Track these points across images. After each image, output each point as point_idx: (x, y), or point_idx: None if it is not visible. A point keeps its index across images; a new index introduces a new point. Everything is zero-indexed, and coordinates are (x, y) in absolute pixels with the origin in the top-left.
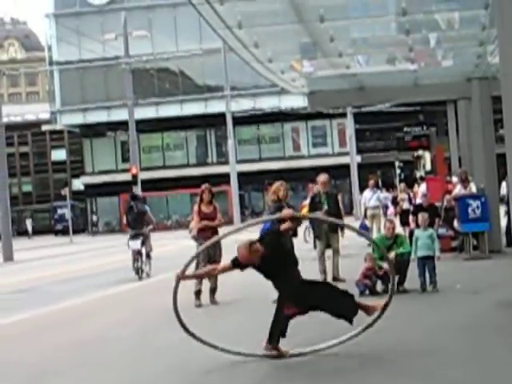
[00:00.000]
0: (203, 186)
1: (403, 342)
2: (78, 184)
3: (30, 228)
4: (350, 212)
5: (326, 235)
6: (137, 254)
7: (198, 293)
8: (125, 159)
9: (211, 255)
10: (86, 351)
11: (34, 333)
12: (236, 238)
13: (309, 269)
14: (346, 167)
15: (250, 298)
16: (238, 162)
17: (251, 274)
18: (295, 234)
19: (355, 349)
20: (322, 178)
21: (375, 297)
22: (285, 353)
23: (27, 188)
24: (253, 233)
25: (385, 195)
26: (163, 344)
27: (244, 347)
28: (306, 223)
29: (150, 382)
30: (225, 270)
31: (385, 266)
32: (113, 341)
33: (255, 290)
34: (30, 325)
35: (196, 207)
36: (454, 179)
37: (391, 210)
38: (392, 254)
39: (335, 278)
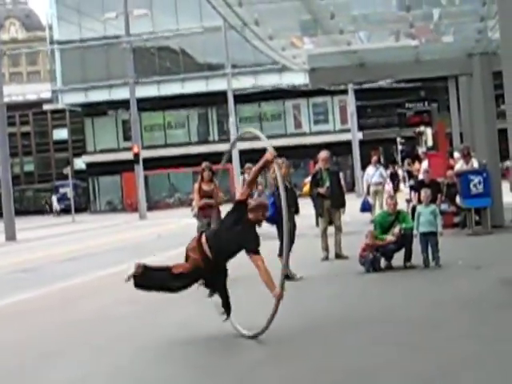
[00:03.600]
0: (203, 165)
1: (406, 317)
2: (79, 163)
3: (56, 205)
4: (351, 189)
5: (328, 212)
6: None
7: None
8: (126, 138)
9: None
10: (88, 331)
11: (35, 313)
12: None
13: (311, 246)
14: (348, 144)
15: (252, 275)
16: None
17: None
18: (297, 211)
19: (356, 324)
20: (323, 154)
21: (379, 273)
22: None
23: (29, 167)
24: None
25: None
26: (166, 322)
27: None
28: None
29: (151, 359)
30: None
31: (388, 238)
32: (114, 320)
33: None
34: (31, 305)
35: (196, 185)
36: (456, 155)
37: (389, 186)
38: (396, 229)
39: (338, 255)
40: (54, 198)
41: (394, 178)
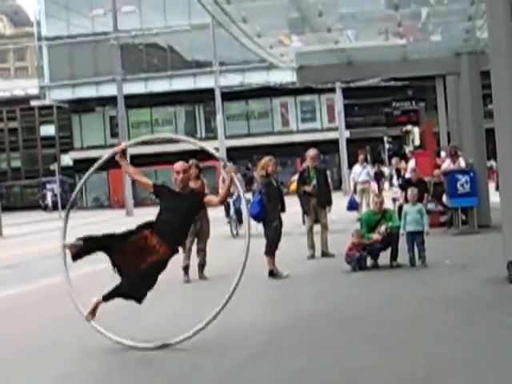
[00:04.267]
0: (190, 162)
1: (390, 316)
2: (66, 159)
3: (50, 201)
4: (338, 187)
5: (315, 210)
6: None
7: (186, 268)
8: (114, 134)
9: (197, 230)
10: (74, 327)
11: (21, 309)
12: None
13: (297, 243)
14: (335, 142)
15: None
16: (227, 137)
17: (240, 250)
18: (283, 209)
19: (342, 324)
20: (311, 152)
21: (365, 272)
22: None
23: (16, 163)
24: None
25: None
26: (154, 318)
27: (235, 321)
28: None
29: (139, 355)
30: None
31: (374, 236)
32: (102, 316)
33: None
34: (16, 301)
35: None
36: (443, 154)
37: (374, 185)
38: (383, 228)
39: (324, 253)
40: (49, 194)
41: (378, 177)
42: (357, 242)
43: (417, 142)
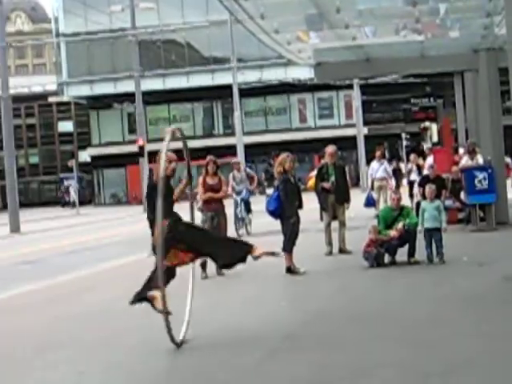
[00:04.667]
0: (208, 158)
1: (408, 313)
2: (84, 156)
3: (76, 197)
4: (356, 184)
5: (333, 207)
6: None
7: (203, 265)
8: (131, 131)
9: (214, 226)
10: (90, 324)
11: (38, 305)
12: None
13: (314, 240)
14: (353, 139)
15: (256, 270)
16: (245, 133)
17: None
18: (301, 206)
19: (359, 320)
20: (330, 149)
21: (383, 268)
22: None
23: (34, 160)
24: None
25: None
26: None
27: (253, 317)
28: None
29: (154, 352)
30: None
31: (392, 233)
32: (117, 313)
33: (262, 262)
34: (34, 297)
35: (201, 179)
36: (461, 151)
37: (391, 182)
38: (400, 225)
39: (341, 250)
40: (72, 190)
41: (396, 173)
42: (374, 238)
43: (435, 139)
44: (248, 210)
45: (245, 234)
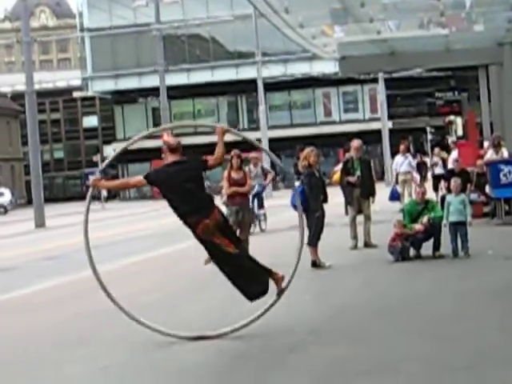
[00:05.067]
0: (232, 152)
1: (433, 307)
2: (109, 150)
3: (105, 192)
4: (381, 178)
5: (358, 201)
6: None
7: None
8: (156, 125)
9: (239, 220)
10: (111, 320)
11: (61, 301)
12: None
13: (339, 234)
14: (377, 133)
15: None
16: (270, 127)
17: (282, 242)
18: (325, 200)
19: (384, 314)
20: (356, 143)
21: (408, 262)
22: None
23: (59, 155)
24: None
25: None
26: (188, 310)
27: (278, 311)
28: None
29: (175, 349)
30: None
31: (417, 227)
32: (141, 308)
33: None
34: (57, 292)
35: (226, 173)
36: (486, 144)
37: (416, 175)
38: (425, 219)
39: (367, 244)
40: None
41: (420, 167)
42: (399, 232)
43: (459, 133)
44: (260, 205)
45: (258, 231)
